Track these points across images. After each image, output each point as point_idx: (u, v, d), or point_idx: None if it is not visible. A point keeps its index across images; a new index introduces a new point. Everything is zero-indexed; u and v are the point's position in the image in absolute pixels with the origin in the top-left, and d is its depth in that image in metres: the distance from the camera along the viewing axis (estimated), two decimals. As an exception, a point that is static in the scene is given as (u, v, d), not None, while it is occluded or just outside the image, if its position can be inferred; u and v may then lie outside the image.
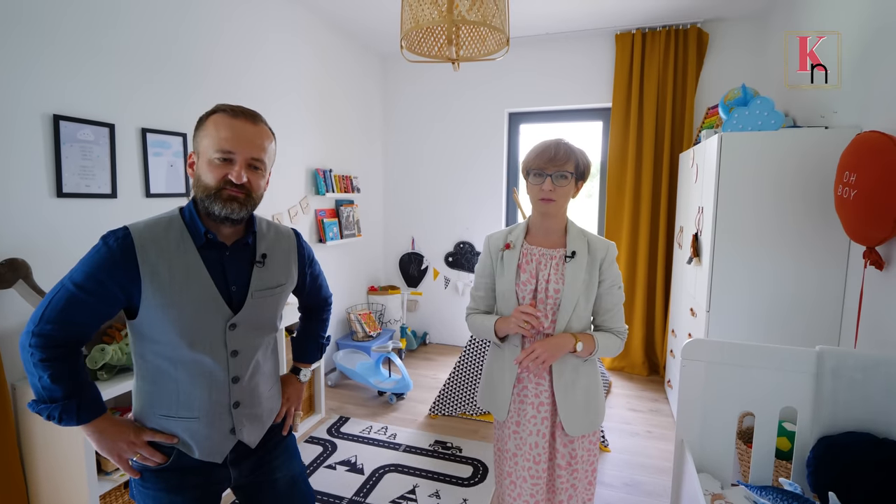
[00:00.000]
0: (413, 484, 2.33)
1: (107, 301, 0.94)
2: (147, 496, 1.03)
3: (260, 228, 1.11)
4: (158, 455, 1.01)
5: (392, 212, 4.53)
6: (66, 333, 0.93)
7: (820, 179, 2.10)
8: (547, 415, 1.38)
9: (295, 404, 1.28)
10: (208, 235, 1.00)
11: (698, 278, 2.53)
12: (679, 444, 1.84)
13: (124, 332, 1.81)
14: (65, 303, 0.92)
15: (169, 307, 0.95)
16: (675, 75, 3.50)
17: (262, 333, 1.10)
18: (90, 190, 1.90)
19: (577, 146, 1.37)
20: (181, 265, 0.97)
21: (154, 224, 0.99)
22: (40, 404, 0.93)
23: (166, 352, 0.99)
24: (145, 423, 1.03)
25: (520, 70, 3.97)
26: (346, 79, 3.80)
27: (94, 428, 0.97)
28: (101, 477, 1.71)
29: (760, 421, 1.73)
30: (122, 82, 2.03)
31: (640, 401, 3.33)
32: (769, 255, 2.21)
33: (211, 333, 1.00)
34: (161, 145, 2.20)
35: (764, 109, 2.25)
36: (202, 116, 1.00)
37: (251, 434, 1.10)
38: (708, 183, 2.40)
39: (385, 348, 3.26)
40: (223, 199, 0.97)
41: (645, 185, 3.62)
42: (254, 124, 1.00)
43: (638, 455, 2.63)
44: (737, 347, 1.72)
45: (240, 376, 1.05)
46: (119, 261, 0.93)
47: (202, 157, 0.98)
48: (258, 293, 1.06)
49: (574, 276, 1.33)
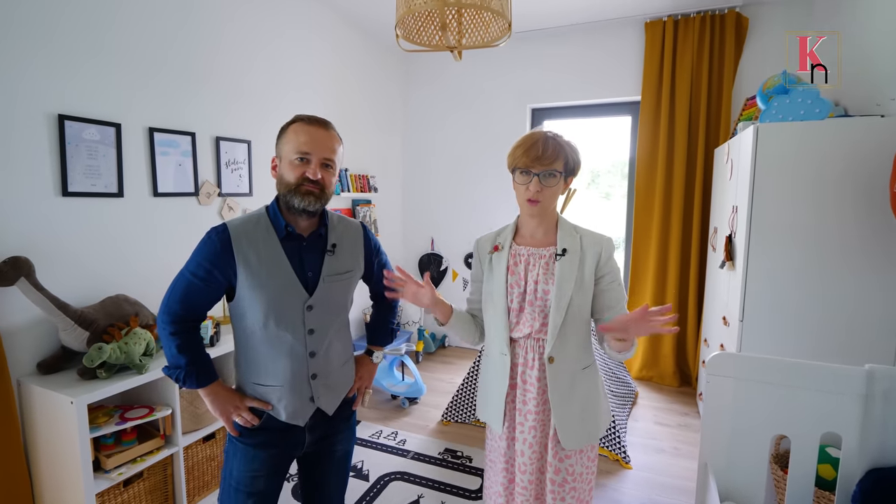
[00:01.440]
0: (418, 494, 2.24)
1: (214, 284, 1.15)
2: (238, 449, 1.24)
3: (331, 221, 1.28)
4: (255, 418, 1.22)
5: (411, 212, 4.46)
6: (186, 311, 1.16)
7: (872, 174, 1.86)
8: (536, 423, 1.29)
9: (367, 383, 1.46)
10: (288, 228, 1.18)
11: (731, 284, 2.32)
12: (702, 468, 1.67)
13: (124, 332, 1.81)
14: (184, 287, 1.15)
15: (258, 289, 1.14)
16: (710, 65, 3.26)
17: (335, 315, 1.27)
18: (96, 189, 1.91)
19: (566, 139, 1.26)
20: (267, 254, 1.16)
21: (246, 220, 1.19)
22: (171, 369, 1.18)
23: (257, 328, 1.17)
24: (244, 392, 1.24)
25: (543, 64, 3.81)
26: (365, 77, 3.76)
27: (209, 391, 1.20)
28: (98, 475, 1.71)
29: (797, 447, 1.54)
30: (128, 82, 2.04)
31: (668, 414, 3.12)
32: (811, 260, 1.99)
33: (291, 313, 1.18)
34: (169, 144, 2.20)
35: (808, 97, 2.03)
36: (283, 127, 1.19)
37: (328, 403, 1.28)
38: (743, 179, 2.19)
39: (398, 351, 3.19)
40: (302, 193, 1.15)
41: (677, 183, 3.39)
42: (326, 130, 1.19)
43: (661, 474, 2.44)
44: (770, 363, 1.54)
45: (316, 351, 1.23)
46: (220, 251, 1.13)
47: (284, 159, 1.17)
48: (329, 278, 1.23)
49: (564, 274, 1.24)
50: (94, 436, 1.66)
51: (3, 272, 1.57)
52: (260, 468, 1.24)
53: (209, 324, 2.08)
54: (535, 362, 1.27)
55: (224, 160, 2.50)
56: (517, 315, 1.28)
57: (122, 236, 2.04)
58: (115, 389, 1.70)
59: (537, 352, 1.27)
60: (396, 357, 3.30)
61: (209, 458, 2.11)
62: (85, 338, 1.74)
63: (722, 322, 2.46)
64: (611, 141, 3.93)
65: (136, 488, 1.82)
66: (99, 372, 1.72)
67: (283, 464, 1.29)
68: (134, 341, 1.79)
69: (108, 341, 1.76)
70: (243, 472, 1.23)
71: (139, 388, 1.88)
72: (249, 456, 1.23)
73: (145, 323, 1.94)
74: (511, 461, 1.35)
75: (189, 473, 2.02)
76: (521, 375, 1.29)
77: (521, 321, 1.28)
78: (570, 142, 1.28)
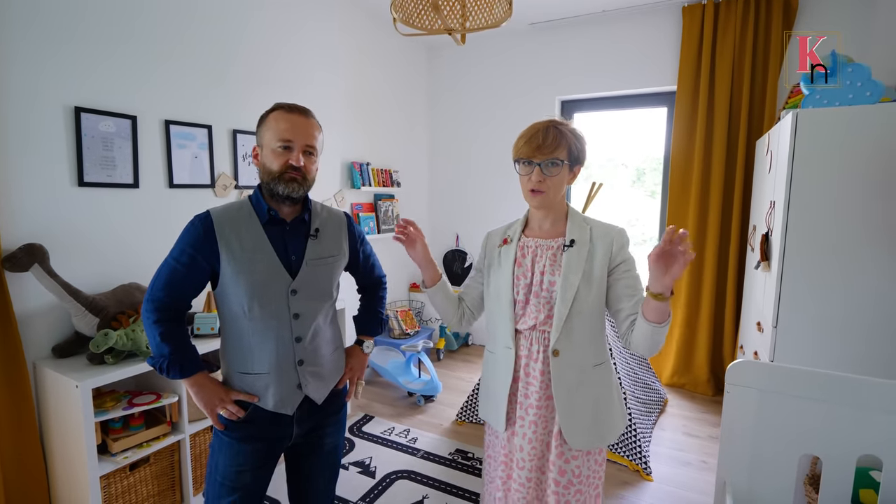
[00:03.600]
0: (423, 494, 2.19)
1: (198, 270, 1.15)
2: (223, 443, 1.22)
3: (314, 208, 1.29)
4: (241, 410, 1.20)
5: (436, 207, 4.41)
6: (171, 298, 1.15)
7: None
8: (537, 419, 1.24)
9: (357, 373, 1.45)
10: (271, 213, 1.19)
11: (766, 286, 2.13)
12: (720, 487, 1.52)
13: (132, 319, 1.85)
14: (168, 274, 1.15)
15: (241, 274, 1.15)
16: (754, 50, 3.01)
17: (320, 300, 1.26)
18: (112, 180, 1.97)
19: (570, 127, 1.21)
20: (249, 239, 1.16)
21: (228, 207, 1.20)
22: (155, 359, 1.16)
23: (241, 314, 1.17)
24: (231, 384, 1.23)
25: (572, 54, 3.66)
26: (388, 70, 3.73)
27: (193, 381, 1.18)
28: (104, 458, 1.76)
29: (829, 470, 1.38)
30: (145, 75, 2.09)
31: (699, 424, 2.91)
32: (854, 261, 1.78)
33: (276, 297, 1.18)
34: (185, 137, 2.24)
35: (857, 79, 1.82)
36: (263, 115, 1.20)
37: (316, 391, 1.26)
38: (781, 172, 1.99)
39: (414, 347, 3.15)
40: (286, 180, 1.16)
41: (715, 177, 3.16)
42: (306, 118, 1.20)
43: (684, 488, 2.27)
44: (799, 374, 1.38)
45: (302, 337, 1.22)
46: (202, 236, 1.14)
47: (266, 147, 1.18)
48: (312, 262, 1.23)
49: (571, 265, 1.20)
50: (100, 419, 1.71)
51: (18, 258, 1.64)
52: (246, 462, 1.22)
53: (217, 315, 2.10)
54: (540, 355, 1.23)
55: (241, 153, 2.53)
56: (523, 307, 1.26)
57: (137, 226, 2.10)
58: (121, 375, 1.74)
59: (542, 344, 1.24)
60: (413, 354, 3.26)
61: (217, 447, 2.14)
62: (95, 324, 1.80)
63: (757, 328, 2.26)
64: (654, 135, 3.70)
65: (142, 473, 1.87)
66: (106, 357, 1.77)
67: (270, 457, 1.27)
68: (141, 328, 1.82)
69: (116, 328, 1.81)
70: (229, 467, 1.21)
71: (147, 375, 1.92)
72: (235, 450, 1.21)
73: (156, 311, 1.98)
74: (510, 455, 1.31)
75: (196, 461, 2.05)
76: (525, 368, 1.26)
77: (526, 313, 1.25)
78: (576, 129, 1.24)
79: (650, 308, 1.07)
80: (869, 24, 2.74)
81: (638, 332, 1.12)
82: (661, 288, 1.03)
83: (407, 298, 4.13)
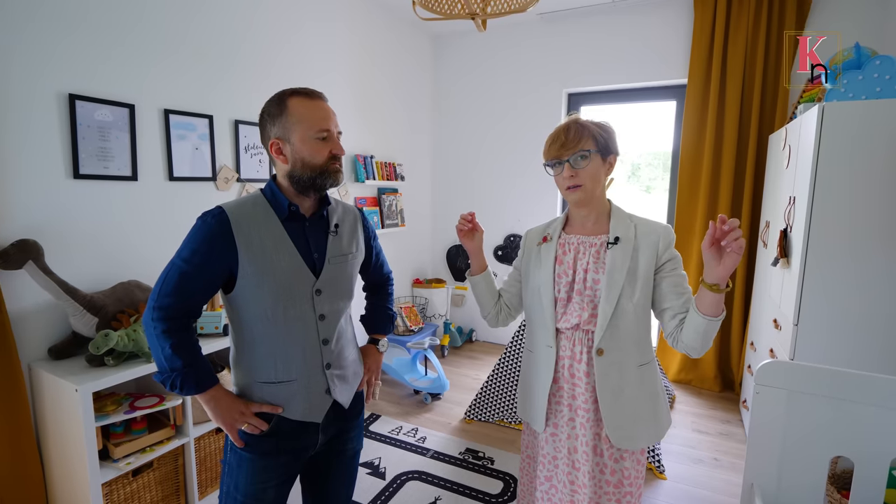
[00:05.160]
0: (435, 496, 2.14)
1: (212, 272, 1.04)
2: (243, 460, 1.12)
3: (332, 202, 1.21)
4: (264, 424, 1.11)
5: (440, 201, 4.33)
6: (181, 305, 1.04)
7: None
8: (585, 420, 1.22)
9: (375, 374, 1.38)
10: (291, 208, 1.11)
11: (785, 283, 2.09)
12: (748, 489, 1.48)
13: (133, 318, 1.76)
14: (177, 278, 1.03)
15: (264, 274, 1.06)
16: (767, 42, 2.96)
17: (343, 299, 1.20)
18: (108, 172, 1.87)
19: (593, 121, 1.19)
20: (270, 236, 1.07)
21: (242, 203, 1.10)
22: (164, 374, 1.04)
23: (264, 318, 1.08)
24: (251, 395, 1.12)
25: (580, 45, 3.58)
26: (392, 60, 3.63)
27: (210, 396, 1.08)
28: (106, 464, 1.68)
29: (861, 471, 1.34)
30: (143, 61, 1.98)
31: (708, 421, 2.89)
32: (879, 258, 1.74)
33: (301, 298, 1.10)
34: (185, 127, 2.15)
35: (885, 72, 1.77)
36: (274, 104, 1.07)
37: (343, 394, 1.20)
38: (803, 167, 1.94)
39: (421, 345, 3.08)
40: (332, 172, 1.10)
41: (725, 173, 3.11)
42: (327, 103, 1.12)
43: (699, 486, 2.24)
44: (832, 375, 1.35)
45: (329, 339, 1.16)
46: (217, 234, 1.03)
47: (298, 140, 1.06)
48: (334, 259, 1.17)
49: (616, 263, 1.17)
50: (101, 424, 1.63)
51: (10, 255, 1.55)
52: (270, 478, 1.14)
53: (222, 313, 2.02)
54: (584, 356, 1.20)
55: (243, 144, 2.44)
56: (564, 305, 1.23)
57: (136, 221, 2.00)
58: (122, 378, 1.66)
59: (585, 345, 1.20)
60: (420, 351, 3.20)
61: (221, 450, 2.07)
62: (94, 324, 1.71)
63: (773, 325, 2.23)
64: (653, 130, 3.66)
65: (146, 478, 1.79)
66: (107, 359, 1.68)
67: (293, 470, 1.19)
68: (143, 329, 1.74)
69: (116, 328, 1.72)
70: (252, 485, 1.12)
71: (150, 377, 1.84)
72: (258, 466, 1.12)
73: (157, 310, 1.90)
74: (554, 455, 1.29)
75: (201, 465, 1.98)
76: (569, 369, 1.23)
77: (568, 311, 1.22)
78: (602, 122, 1.20)
79: (705, 300, 1.04)
80: (883, 22, 2.70)
81: (690, 328, 1.08)
82: (716, 278, 1.00)
83: (410, 294, 4.06)
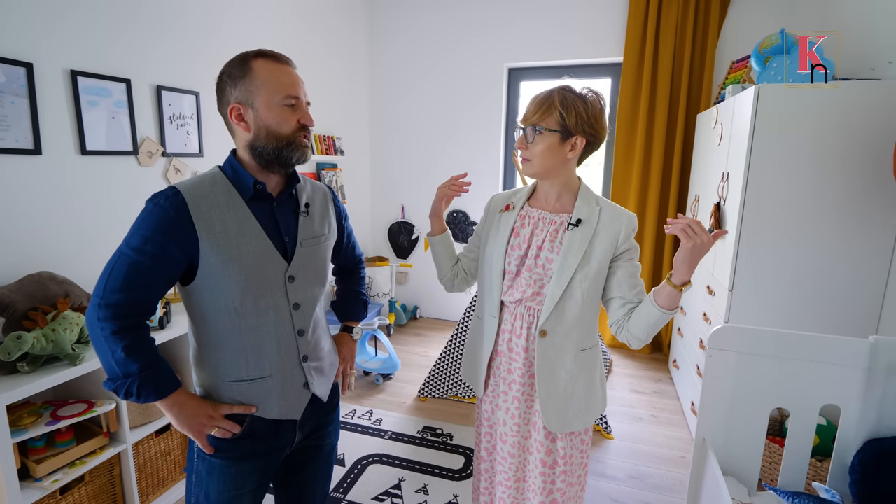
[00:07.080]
0: (399, 477, 2.12)
1: (169, 262, 0.91)
2: (214, 467, 1.01)
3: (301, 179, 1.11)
4: (236, 426, 1.00)
5: (380, 177, 4.18)
6: (133, 301, 0.90)
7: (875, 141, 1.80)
8: (520, 395, 1.23)
9: (350, 363, 1.31)
10: (257, 186, 0.98)
11: (719, 253, 2.27)
12: (700, 444, 1.62)
13: (50, 316, 1.52)
14: (127, 269, 0.89)
15: (230, 261, 0.94)
16: (695, 26, 3.13)
17: (318, 286, 1.10)
18: (5, 144, 1.56)
19: (582, 94, 1.12)
20: (233, 219, 0.95)
21: (199, 182, 0.96)
22: (116, 381, 0.90)
23: (231, 311, 0.97)
24: (219, 396, 1.01)
25: (522, 21, 3.56)
26: (327, 30, 3.37)
27: (172, 402, 0.95)
28: (27, 484, 1.45)
29: (796, 420, 1.51)
30: (42, 12, 1.65)
31: (643, 381, 3.13)
32: (807, 229, 1.94)
33: (273, 286, 1.00)
34: (97, 92, 1.84)
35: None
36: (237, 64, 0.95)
37: (321, 387, 1.12)
38: (738, 145, 2.09)
39: (371, 325, 3.00)
40: (299, 145, 0.98)
41: (657, 148, 3.29)
42: (295, 68, 1.01)
43: (643, 443, 2.42)
44: (776, 336, 1.48)
45: (304, 329, 1.07)
46: (174, 218, 0.90)
47: (264, 106, 0.95)
48: (306, 242, 1.06)
49: (573, 246, 1.14)
50: (17, 440, 1.40)
51: None
52: (245, 483, 1.04)
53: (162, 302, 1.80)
54: (524, 331, 1.20)
55: (168, 114, 2.15)
56: (512, 279, 1.20)
57: (44, 202, 1.70)
58: (42, 386, 1.42)
59: (527, 321, 1.19)
60: (368, 332, 3.12)
61: (164, 453, 1.88)
62: (0, 325, 1.44)
63: (706, 291, 2.42)
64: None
65: (77, 494, 1.58)
66: (20, 365, 1.43)
67: (270, 472, 1.10)
68: (63, 327, 1.50)
69: (30, 328, 1.47)
70: (224, 493, 1.02)
71: (74, 381, 1.61)
72: (231, 472, 1.02)
73: (78, 305, 1.64)
74: (494, 427, 1.32)
75: (141, 472, 1.78)
76: (508, 343, 1.23)
77: (514, 285, 1.20)
78: (588, 97, 1.11)
79: (665, 295, 1.04)
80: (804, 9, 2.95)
81: (641, 319, 1.09)
82: (686, 277, 1.01)
83: (352, 274, 3.92)
